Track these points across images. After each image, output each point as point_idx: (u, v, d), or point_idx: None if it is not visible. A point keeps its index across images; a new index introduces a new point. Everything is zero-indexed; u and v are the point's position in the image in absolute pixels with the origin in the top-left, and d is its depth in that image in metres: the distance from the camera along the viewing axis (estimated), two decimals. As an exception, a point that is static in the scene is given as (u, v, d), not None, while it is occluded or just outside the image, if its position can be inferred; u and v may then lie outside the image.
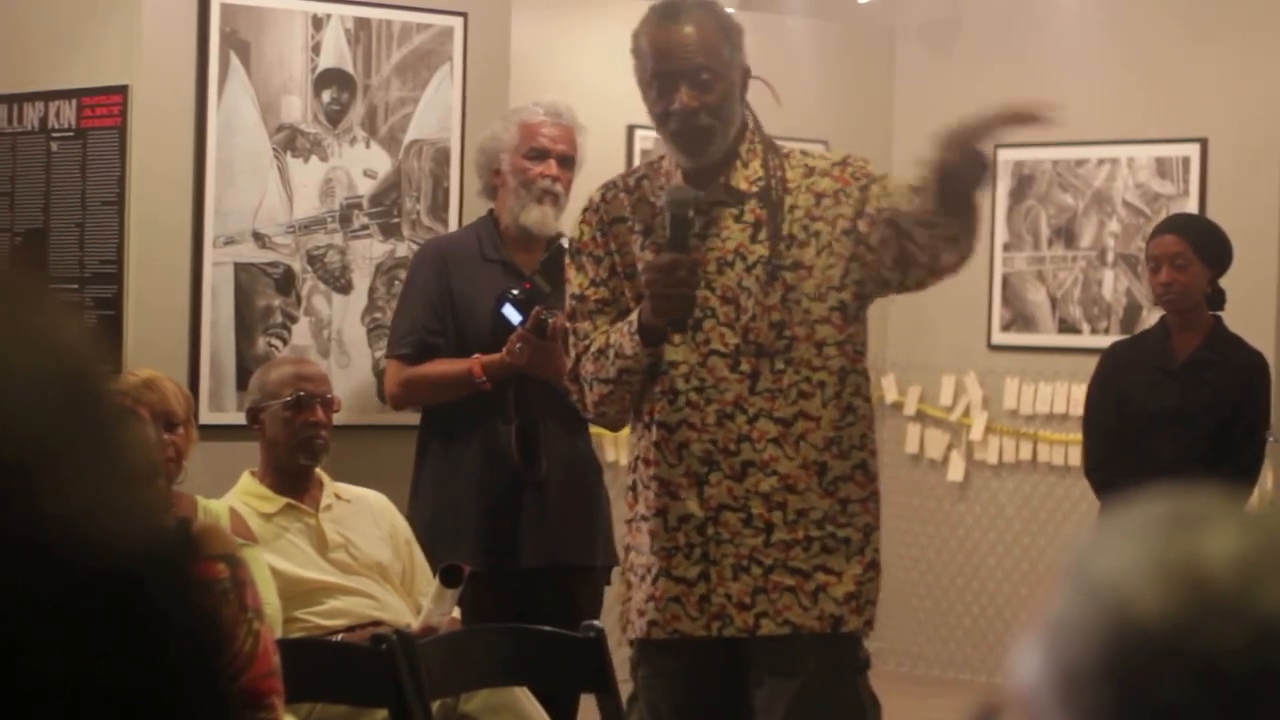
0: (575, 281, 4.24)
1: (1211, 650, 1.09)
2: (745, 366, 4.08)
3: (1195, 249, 6.05)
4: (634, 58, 4.20)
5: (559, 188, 5.51)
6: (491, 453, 5.40)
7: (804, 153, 4.26)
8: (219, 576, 3.44)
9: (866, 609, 4.10)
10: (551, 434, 5.33)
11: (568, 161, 5.52)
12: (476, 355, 5.39)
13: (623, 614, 4.23)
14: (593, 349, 4.15)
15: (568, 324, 4.31)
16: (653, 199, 4.20)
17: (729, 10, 4.30)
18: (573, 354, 4.22)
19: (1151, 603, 1.10)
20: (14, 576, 0.93)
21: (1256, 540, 1.13)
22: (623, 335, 4.08)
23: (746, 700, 4.12)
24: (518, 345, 5.27)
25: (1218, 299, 6.11)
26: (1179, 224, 6.35)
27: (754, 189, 4.15)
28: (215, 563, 3.46)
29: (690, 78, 4.09)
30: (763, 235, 4.12)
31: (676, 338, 4.06)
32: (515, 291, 5.35)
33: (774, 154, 4.18)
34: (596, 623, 4.72)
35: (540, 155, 5.51)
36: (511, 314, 5.35)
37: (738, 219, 4.14)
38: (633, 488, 4.21)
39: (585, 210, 4.30)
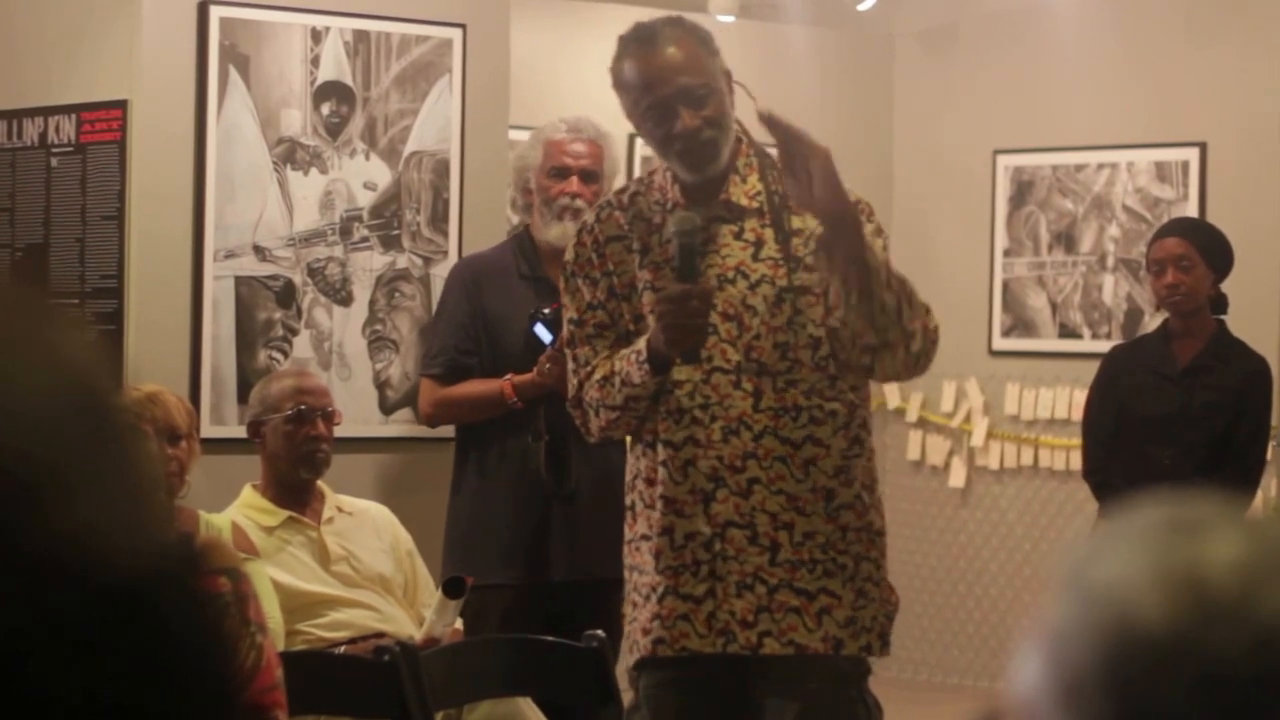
0: (572, 306, 4.21)
1: (1212, 657, 1.09)
2: (747, 385, 4.08)
3: (1200, 251, 6.02)
4: (619, 92, 4.16)
5: (580, 204, 5.48)
6: (523, 468, 5.41)
7: None
8: (221, 591, 3.44)
9: (862, 635, 4.10)
10: (584, 449, 5.27)
11: (591, 176, 5.51)
12: (508, 376, 5.41)
13: (627, 635, 4.21)
14: (596, 376, 4.12)
15: (566, 349, 4.29)
16: (649, 215, 4.18)
17: (693, 18, 4.28)
18: (574, 380, 4.20)
19: (1152, 609, 1.11)
20: (23, 591, 0.93)
21: (1257, 547, 1.13)
22: (629, 363, 4.06)
23: (751, 711, 4.12)
24: (547, 365, 5.27)
25: (1220, 304, 6.09)
26: (1182, 227, 6.34)
27: (754, 204, 4.14)
28: (218, 577, 3.46)
29: (686, 98, 4.06)
30: (764, 254, 4.11)
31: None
32: (546, 310, 5.34)
33: (771, 167, 4.17)
34: (599, 632, 4.72)
35: (562, 173, 5.52)
36: (543, 333, 5.35)
37: (737, 236, 4.12)
38: (631, 508, 4.19)
39: (580, 231, 4.28)
